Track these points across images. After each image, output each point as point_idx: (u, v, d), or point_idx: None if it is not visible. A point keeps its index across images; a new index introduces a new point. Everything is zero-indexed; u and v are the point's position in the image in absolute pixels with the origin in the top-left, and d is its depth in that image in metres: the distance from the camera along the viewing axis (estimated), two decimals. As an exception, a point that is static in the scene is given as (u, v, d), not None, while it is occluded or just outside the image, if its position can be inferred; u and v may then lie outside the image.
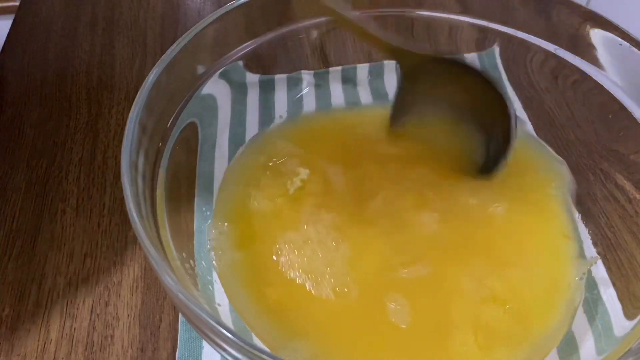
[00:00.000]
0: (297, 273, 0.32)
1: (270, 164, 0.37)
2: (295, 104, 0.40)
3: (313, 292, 0.31)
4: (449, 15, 0.39)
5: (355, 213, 0.34)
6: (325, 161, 0.37)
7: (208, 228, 0.34)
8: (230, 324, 0.30)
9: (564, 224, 0.35)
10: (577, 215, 0.35)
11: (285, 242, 0.33)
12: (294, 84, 0.41)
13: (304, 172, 0.36)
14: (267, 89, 0.40)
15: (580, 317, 0.31)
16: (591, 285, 0.32)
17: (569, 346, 0.30)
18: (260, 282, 0.32)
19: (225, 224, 0.34)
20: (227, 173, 0.37)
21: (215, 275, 0.32)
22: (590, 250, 0.34)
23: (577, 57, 0.36)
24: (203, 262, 0.32)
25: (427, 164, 0.36)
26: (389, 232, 0.33)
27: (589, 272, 0.33)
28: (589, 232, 0.34)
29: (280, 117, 0.40)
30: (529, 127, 0.39)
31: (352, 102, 0.41)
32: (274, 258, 0.33)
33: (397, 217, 0.34)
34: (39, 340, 0.32)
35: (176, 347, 0.31)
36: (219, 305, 0.31)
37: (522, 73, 0.40)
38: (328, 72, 0.42)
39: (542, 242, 0.34)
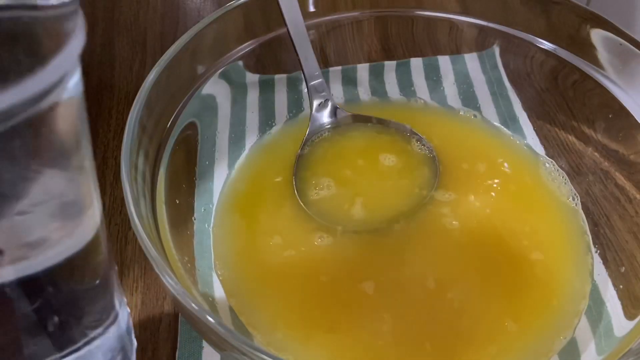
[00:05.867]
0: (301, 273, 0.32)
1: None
2: (295, 104, 0.40)
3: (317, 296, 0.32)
4: (449, 15, 0.39)
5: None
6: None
7: (209, 228, 0.34)
8: (230, 324, 0.30)
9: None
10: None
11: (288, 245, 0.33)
12: (294, 84, 0.41)
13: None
14: (267, 89, 0.40)
15: (580, 317, 0.31)
16: (591, 285, 0.32)
17: (569, 346, 0.30)
18: (262, 281, 0.32)
19: (227, 225, 0.34)
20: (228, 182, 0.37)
21: (215, 275, 0.32)
22: (591, 250, 0.34)
23: (577, 57, 0.36)
24: (203, 262, 0.32)
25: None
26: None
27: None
28: (589, 232, 0.34)
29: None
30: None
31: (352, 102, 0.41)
32: (276, 259, 0.33)
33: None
34: (39, 340, 0.32)
35: (176, 347, 0.31)
36: (218, 305, 0.31)
37: (522, 73, 0.40)
38: (328, 72, 0.42)
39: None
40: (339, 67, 0.42)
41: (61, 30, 0.17)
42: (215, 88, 0.37)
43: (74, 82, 0.18)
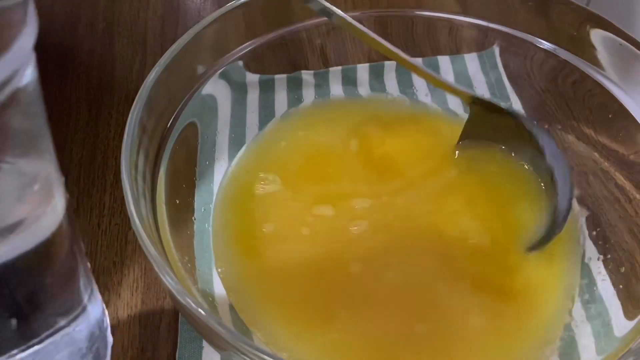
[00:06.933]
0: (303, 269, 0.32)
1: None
2: (295, 104, 0.40)
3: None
4: (449, 15, 0.39)
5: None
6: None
7: (209, 228, 0.34)
8: (230, 324, 0.30)
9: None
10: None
11: (289, 244, 0.33)
12: (294, 84, 0.41)
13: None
14: (267, 89, 0.40)
15: (580, 317, 0.31)
16: (591, 284, 0.32)
17: (568, 346, 0.30)
18: (263, 280, 0.32)
19: (227, 223, 0.34)
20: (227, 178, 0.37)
21: (215, 274, 0.32)
22: (591, 250, 0.34)
23: (577, 57, 0.36)
24: (203, 262, 0.32)
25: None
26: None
27: (589, 270, 0.33)
28: (587, 232, 0.34)
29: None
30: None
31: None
32: (277, 257, 0.33)
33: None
34: (39, 340, 0.32)
35: (176, 347, 0.31)
36: (218, 305, 0.31)
37: (522, 73, 0.40)
38: (328, 72, 0.42)
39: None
40: (339, 67, 0.42)
41: (7, 24, 0.16)
42: (215, 88, 0.37)
43: (28, 74, 0.18)
